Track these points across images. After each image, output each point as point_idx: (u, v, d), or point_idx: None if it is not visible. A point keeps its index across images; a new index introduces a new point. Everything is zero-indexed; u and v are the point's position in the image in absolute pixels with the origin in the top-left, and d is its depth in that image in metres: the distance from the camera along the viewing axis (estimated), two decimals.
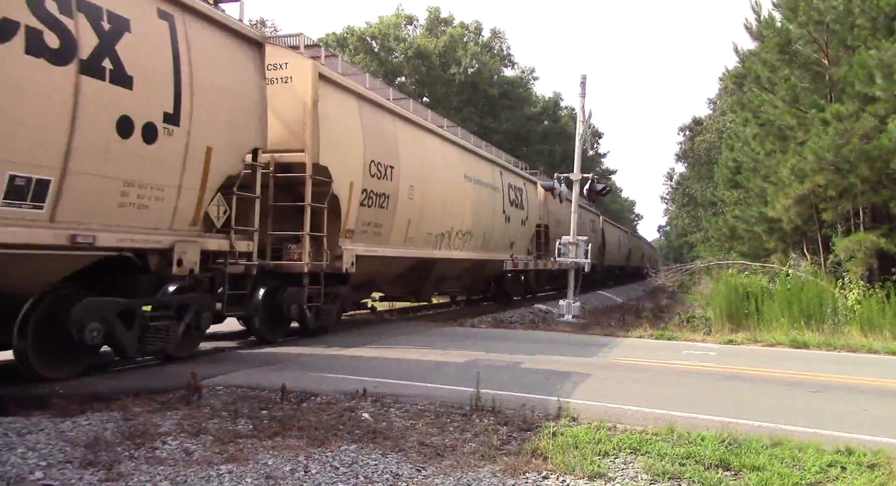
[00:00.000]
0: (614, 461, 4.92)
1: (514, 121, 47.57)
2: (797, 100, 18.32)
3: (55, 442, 4.91)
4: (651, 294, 33.57)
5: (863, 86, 15.15)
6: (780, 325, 13.77)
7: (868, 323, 13.40)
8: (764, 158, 20.46)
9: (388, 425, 5.73)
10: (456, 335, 12.45)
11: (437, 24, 49.02)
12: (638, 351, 10.87)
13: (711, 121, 45.19)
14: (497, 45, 51.62)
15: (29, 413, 5.71)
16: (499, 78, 49.45)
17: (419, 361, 9.20)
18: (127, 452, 4.80)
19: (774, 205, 18.83)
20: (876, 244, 15.80)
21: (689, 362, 9.73)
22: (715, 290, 16.77)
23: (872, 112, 15.11)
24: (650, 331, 13.57)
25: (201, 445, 5.02)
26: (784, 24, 19.09)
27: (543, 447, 5.10)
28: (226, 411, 6.02)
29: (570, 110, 52.42)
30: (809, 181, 16.81)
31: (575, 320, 16.56)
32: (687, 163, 52.13)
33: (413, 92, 41.70)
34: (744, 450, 5.08)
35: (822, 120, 16.40)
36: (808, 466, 4.79)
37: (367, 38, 45.02)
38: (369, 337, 11.60)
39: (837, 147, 15.42)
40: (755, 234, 22.41)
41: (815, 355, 11.06)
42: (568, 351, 10.67)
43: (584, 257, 17.53)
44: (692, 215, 49.55)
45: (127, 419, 5.60)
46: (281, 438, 5.24)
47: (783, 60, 18.96)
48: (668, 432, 5.56)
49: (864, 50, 15.41)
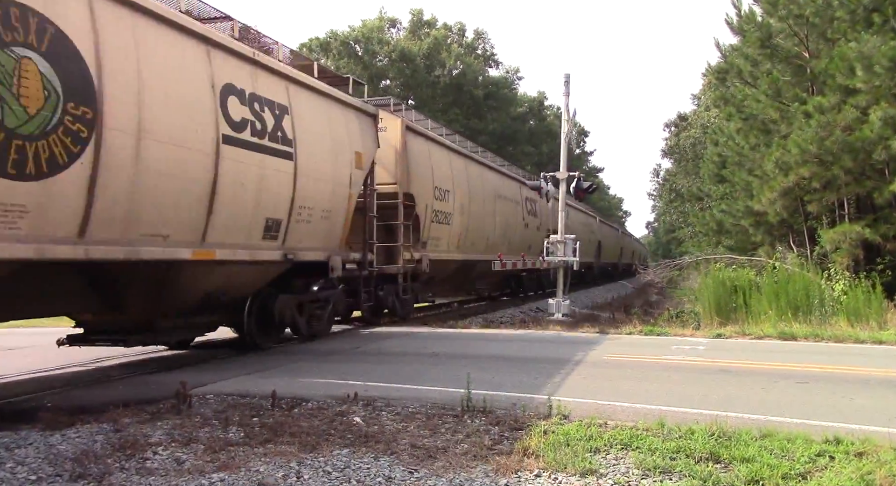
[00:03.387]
0: (606, 457, 4.94)
1: (499, 121, 47.70)
2: (779, 93, 18.46)
3: (45, 456, 4.89)
4: (641, 291, 33.73)
5: (844, 78, 15.28)
6: (768, 317, 13.84)
7: (854, 313, 13.49)
8: (748, 151, 20.60)
9: (380, 428, 5.73)
10: (447, 337, 12.46)
11: (421, 26, 49.06)
12: (628, 348, 10.91)
13: (696, 116, 45.36)
14: (481, 46, 51.75)
15: (17, 427, 5.68)
16: (483, 79, 49.56)
17: (409, 363, 9.21)
18: (117, 463, 4.78)
19: (760, 198, 18.95)
20: (861, 235, 15.94)
21: (679, 357, 9.77)
22: (703, 284, 16.84)
23: (854, 104, 15.25)
24: (640, 327, 13.60)
25: (192, 454, 5.00)
26: (764, 19, 19.25)
27: (535, 445, 5.12)
28: (216, 419, 6.00)
29: (556, 109, 52.62)
30: (794, 174, 16.94)
31: (565, 318, 16.60)
32: (673, 159, 52.31)
33: (398, 95, 41.71)
34: (733, 443, 5.11)
35: (805, 113, 16.54)
36: (798, 456, 4.82)
37: (350, 42, 45.00)
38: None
39: (820, 139, 15.55)
40: (742, 228, 22.56)
41: (802, 347, 11.13)
42: (558, 350, 10.70)
43: (571, 255, 17.57)
44: (679, 211, 49.75)
45: (117, 430, 5.58)
46: (273, 444, 5.23)
47: (765, 54, 19.14)
48: (659, 427, 5.59)
49: (845, 42, 15.55)
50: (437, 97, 46.22)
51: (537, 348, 10.86)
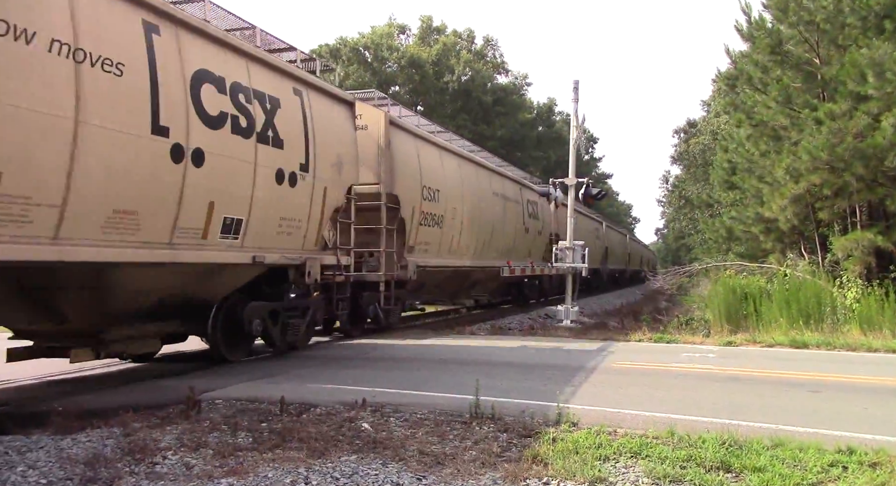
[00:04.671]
0: (615, 465, 4.91)
1: (508, 127, 47.69)
2: (790, 100, 18.36)
3: (55, 460, 4.90)
4: (650, 297, 33.58)
5: (855, 84, 15.19)
6: (779, 325, 13.75)
7: (867, 322, 13.38)
8: (759, 158, 20.49)
9: (388, 434, 5.72)
10: (449, 343, 12.44)
11: (430, 33, 49.18)
12: (637, 355, 10.86)
13: (705, 122, 45.23)
14: (490, 53, 51.78)
15: (29, 431, 5.71)
16: (492, 85, 49.58)
17: (419, 369, 9.20)
18: (127, 468, 4.79)
19: (770, 205, 18.83)
20: (873, 242, 15.81)
21: (689, 365, 9.73)
22: (713, 291, 16.77)
23: (865, 110, 15.15)
24: (649, 334, 13.54)
25: (201, 459, 5.01)
26: (774, 25, 19.16)
27: (544, 452, 5.09)
28: (225, 424, 6.01)
29: (565, 115, 52.58)
30: (805, 181, 16.83)
31: (574, 324, 16.55)
32: (682, 165, 52.18)
33: (407, 101, 41.80)
34: (745, 452, 5.07)
35: (816, 119, 16.44)
36: (810, 466, 4.78)
37: (360, 49, 45.16)
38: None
39: (831, 146, 15.44)
40: (752, 234, 22.41)
41: (814, 355, 11.05)
42: (566, 356, 10.67)
43: (580, 261, 17.56)
44: (689, 218, 49.61)
45: (127, 434, 5.59)
46: (281, 450, 5.23)
47: (775, 61, 19.02)
48: (669, 435, 5.55)
49: (856, 49, 15.45)
50: (445, 103, 46.29)
51: (546, 355, 10.83)
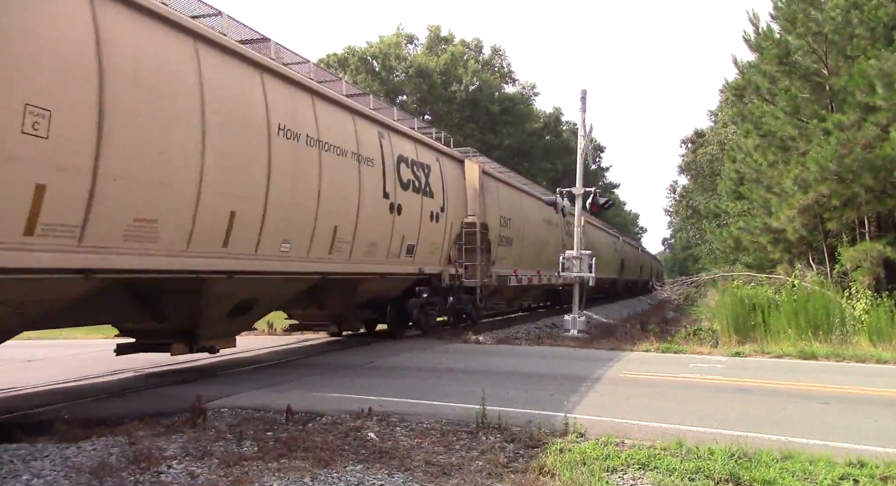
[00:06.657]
0: (623, 476, 4.87)
1: (515, 137, 47.69)
2: (798, 110, 18.32)
3: (60, 468, 4.89)
4: (657, 307, 33.45)
5: (863, 95, 15.16)
6: (788, 336, 13.66)
7: (876, 333, 13.28)
8: (766, 168, 20.44)
9: (394, 444, 5.69)
10: (460, 352, 12.41)
11: (438, 42, 49.32)
12: (644, 365, 10.79)
13: (713, 133, 45.13)
14: (498, 63, 51.86)
15: (34, 439, 5.69)
16: (500, 95, 49.63)
17: (424, 379, 9.16)
18: (132, 477, 4.77)
19: (778, 215, 18.76)
20: (882, 253, 15.72)
21: (697, 376, 9.66)
22: (721, 302, 16.68)
23: (874, 121, 15.10)
24: (656, 344, 13.48)
25: (206, 468, 4.99)
26: (783, 36, 19.16)
27: (551, 463, 5.05)
28: (231, 433, 5.99)
29: (572, 125, 52.52)
30: (813, 191, 16.78)
31: (581, 334, 16.48)
32: (690, 175, 52.01)
33: (414, 110, 41.89)
34: (754, 464, 5.02)
35: (824, 130, 16.40)
36: (820, 479, 4.72)
37: (368, 58, 45.32)
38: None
39: (840, 157, 15.40)
40: (760, 245, 22.30)
41: (823, 366, 10.96)
42: (573, 366, 10.61)
43: (587, 270, 17.51)
44: (696, 228, 49.45)
45: (132, 443, 5.57)
46: (286, 459, 5.20)
47: (783, 71, 18.99)
48: (677, 446, 5.50)
49: (864, 60, 15.43)
50: (453, 112, 46.36)
51: (554, 365, 10.77)
